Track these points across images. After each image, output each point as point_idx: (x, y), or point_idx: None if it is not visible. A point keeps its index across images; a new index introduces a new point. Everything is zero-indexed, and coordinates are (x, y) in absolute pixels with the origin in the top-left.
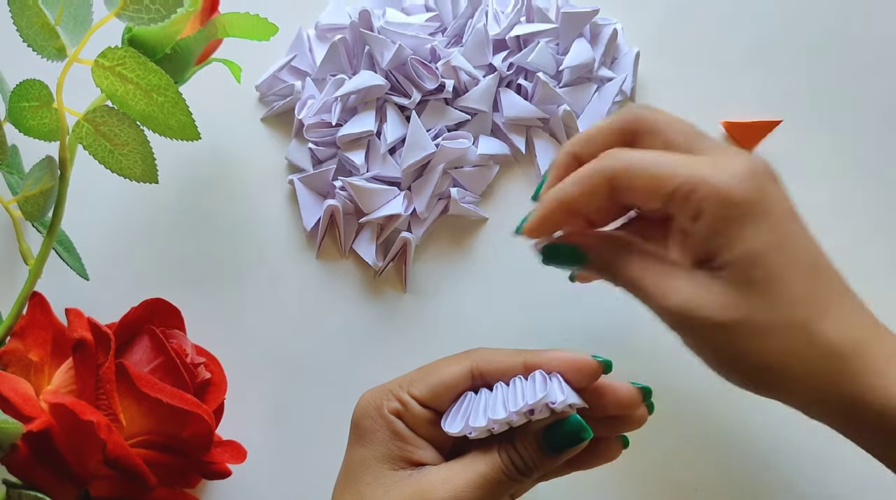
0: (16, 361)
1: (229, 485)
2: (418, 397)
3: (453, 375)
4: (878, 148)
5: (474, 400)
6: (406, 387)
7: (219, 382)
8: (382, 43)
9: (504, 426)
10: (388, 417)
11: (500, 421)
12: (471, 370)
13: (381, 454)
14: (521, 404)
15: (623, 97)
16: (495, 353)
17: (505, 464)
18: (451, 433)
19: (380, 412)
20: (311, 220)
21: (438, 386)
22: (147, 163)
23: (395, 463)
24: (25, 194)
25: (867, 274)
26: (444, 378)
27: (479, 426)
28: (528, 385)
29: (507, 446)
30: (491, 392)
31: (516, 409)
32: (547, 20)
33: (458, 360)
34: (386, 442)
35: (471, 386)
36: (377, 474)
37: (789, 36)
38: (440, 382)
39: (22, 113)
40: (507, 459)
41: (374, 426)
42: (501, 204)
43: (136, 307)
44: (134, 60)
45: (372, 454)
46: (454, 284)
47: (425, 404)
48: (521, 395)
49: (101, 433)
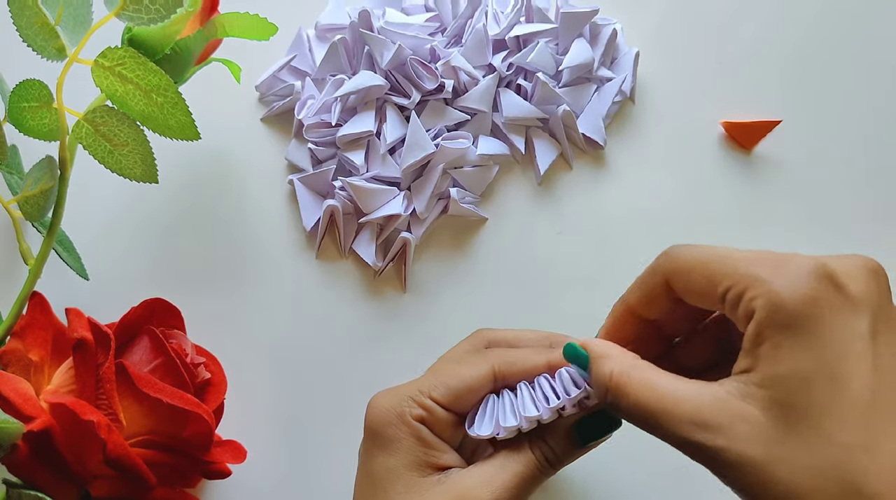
0: (16, 361)
1: (229, 485)
2: (441, 402)
3: (475, 378)
4: (877, 148)
5: (499, 402)
6: (427, 392)
7: (219, 382)
8: (382, 43)
9: (534, 423)
10: (414, 424)
11: (532, 419)
12: (493, 373)
13: (408, 461)
14: (555, 402)
15: (623, 97)
16: (516, 354)
17: (539, 461)
18: (480, 436)
19: (403, 420)
20: (311, 220)
21: (462, 390)
22: (147, 163)
23: (422, 470)
24: (25, 194)
25: None
26: (468, 382)
27: (511, 426)
28: (556, 384)
29: (538, 442)
30: (514, 393)
31: (551, 406)
32: (546, 20)
33: (477, 362)
34: (413, 450)
35: (493, 389)
36: (408, 482)
37: (789, 36)
38: (463, 385)
39: (22, 113)
40: (541, 455)
41: (398, 434)
42: (501, 204)
43: (136, 307)
44: (134, 60)
45: (400, 462)
46: (454, 284)
47: (448, 408)
48: (553, 393)
49: (101, 433)
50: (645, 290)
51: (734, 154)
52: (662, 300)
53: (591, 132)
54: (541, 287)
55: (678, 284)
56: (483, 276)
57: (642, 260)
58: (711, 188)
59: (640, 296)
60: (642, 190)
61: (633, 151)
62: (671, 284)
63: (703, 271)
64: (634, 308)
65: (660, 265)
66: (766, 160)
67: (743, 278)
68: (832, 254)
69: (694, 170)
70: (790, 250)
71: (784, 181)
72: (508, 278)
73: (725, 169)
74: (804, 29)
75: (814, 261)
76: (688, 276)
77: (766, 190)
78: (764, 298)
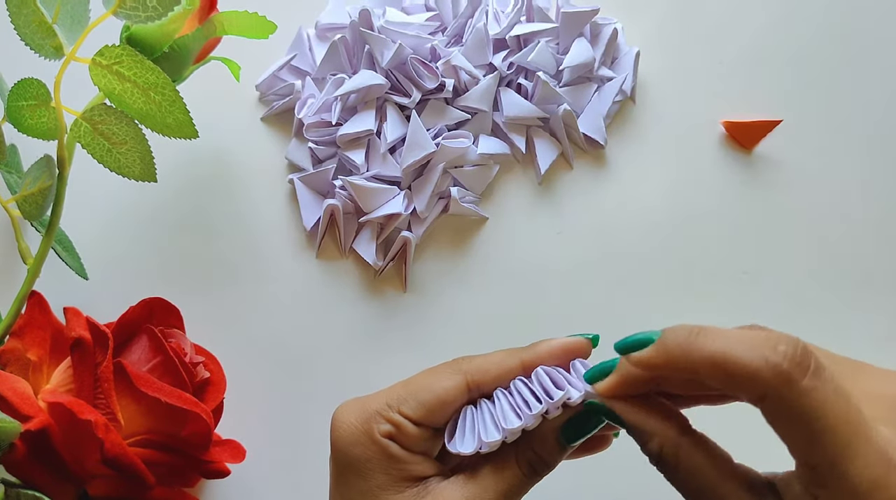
0: (14, 360)
1: (228, 484)
2: (411, 417)
3: (448, 390)
4: (877, 148)
5: (477, 414)
6: (395, 406)
7: (218, 381)
8: (382, 42)
9: (518, 433)
10: (382, 442)
11: (516, 430)
12: (466, 384)
13: (381, 482)
14: (537, 408)
15: (623, 96)
16: (487, 360)
17: (525, 472)
18: (463, 454)
19: (371, 437)
20: (311, 219)
21: (433, 404)
22: (145, 162)
23: (397, 486)
24: (24, 193)
25: (866, 273)
26: (440, 395)
27: (494, 441)
28: (535, 386)
29: (524, 451)
30: (492, 402)
31: (534, 413)
32: (547, 20)
33: (449, 373)
34: (385, 468)
35: (468, 400)
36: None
37: (789, 36)
38: (435, 399)
39: (20, 112)
40: (527, 466)
41: (366, 454)
42: (501, 203)
43: (135, 306)
44: (131, 59)
45: (373, 483)
46: (454, 283)
47: (419, 423)
48: (533, 397)
49: (99, 433)
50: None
51: (734, 154)
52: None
53: (591, 132)
54: (541, 287)
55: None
56: (483, 275)
57: (642, 260)
58: (711, 188)
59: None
60: (642, 190)
61: (633, 151)
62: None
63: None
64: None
65: (775, 372)
66: (766, 160)
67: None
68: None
69: (694, 170)
70: (791, 249)
71: (784, 181)
72: (508, 277)
73: (725, 169)
74: (804, 29)
75: (885, 444)
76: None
77: (766, 190)
78: (841, 491)
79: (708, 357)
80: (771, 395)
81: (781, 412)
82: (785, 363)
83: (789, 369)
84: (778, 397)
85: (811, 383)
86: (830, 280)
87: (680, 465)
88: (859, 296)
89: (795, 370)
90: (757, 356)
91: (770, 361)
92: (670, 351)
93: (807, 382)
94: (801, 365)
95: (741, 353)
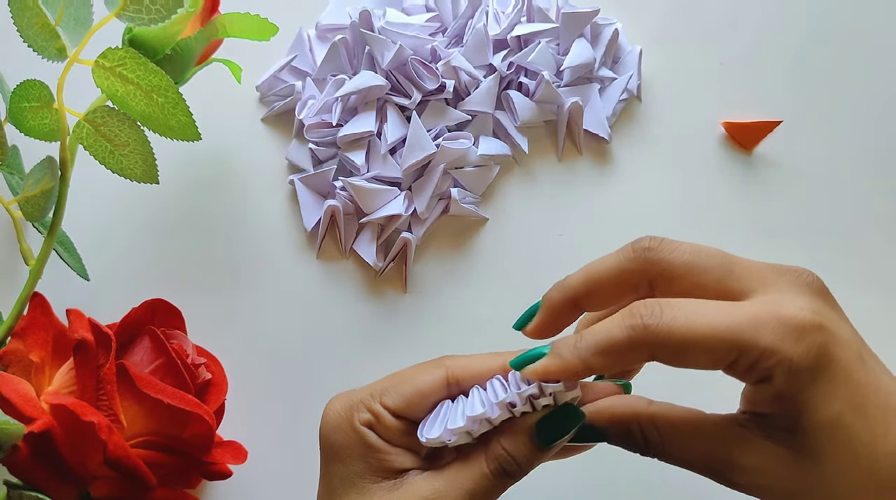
0: (16, 361)
1: (230, 486)
2: (391, 408)
3: (428, 383)
4: (878, 148)
5: (452, 406)
6: (378, 397)
7: (219, 382)
8: (383, 43)
9: (485, 424)
10: (361, 429)
11: (477, 418)
12: (446, 378)
13: (359, 469)
14: (501, 396)
15: (629, 95)
16: (470, 357)
17: (493, 472)
18: (428, 440)
19: (351, 425)
20: (312, 220)
21: (413, 395)
22: (147, 163)
23: (376, 475)
24: (26, 195)
25: (866, 273)
26: (419, 387)
27: (457, 427)
28: (509, 382)
29: (496, 449)
30: (467, 397)
31: (497, 401)
32: (547, 20)
33: (432, 368)
34: (363, 456)
35: (447, 395)
36: (361, 490)
37: (789, 36)
38: (415, 391)
39: (22, 113)
40: (496, 465)
41: (346, 441)
42: (502, 204)
43: (137, 308)
44: (134, 61)
45: (351, 470)
46: (454, 284)
47: (399, 415)
48: (504, 392)
49: (101, 434)
50: (622, 360)
51: (734, 154)
52: (639, 365)
53: (595, 128)
54: (541, 287)
55: (665, 354)
56: (483, 276)
57: None
58: (711, 188)
59: (614, 364)
60: (642, 190)
61: (632, 152)
62: (656, 355)
63: (701, 346)
64: (599, 371)
65: (640, 339)
66: (766, 160)
67: (750, 350)
68: (778, 264)
69: (694, 170)
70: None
71: (784, 181)
72: (508, 278)
73: (725, 169)
74: (805, 29)
75: (808, 315)
76: (678, 347)
77: (766, 190)
78: (781, 367)
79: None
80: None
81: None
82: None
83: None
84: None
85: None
86: (830, 280)
87: (664, 438)
88: (859, 296)
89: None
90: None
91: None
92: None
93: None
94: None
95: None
